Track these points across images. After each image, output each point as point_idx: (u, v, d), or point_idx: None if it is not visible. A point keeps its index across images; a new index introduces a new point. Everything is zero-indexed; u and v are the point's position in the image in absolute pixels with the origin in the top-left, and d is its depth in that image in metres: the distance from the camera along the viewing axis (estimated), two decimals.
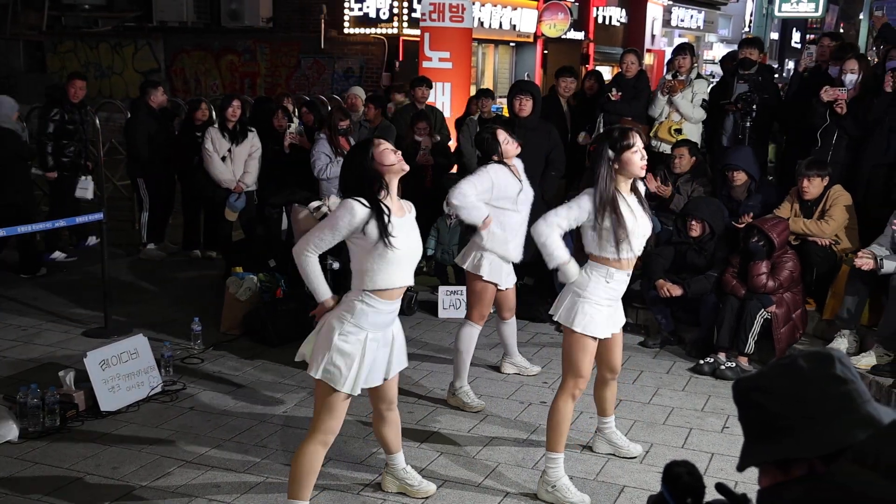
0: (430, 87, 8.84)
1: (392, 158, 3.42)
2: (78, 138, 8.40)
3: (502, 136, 4.93)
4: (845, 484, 1.41)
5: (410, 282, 3.54)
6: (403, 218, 3.49)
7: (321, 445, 3.51)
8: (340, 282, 6.98)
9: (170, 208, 8.91)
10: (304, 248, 3.45)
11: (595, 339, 3.94)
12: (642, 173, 3.90)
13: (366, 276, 3.42)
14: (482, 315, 5.10)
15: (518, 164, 5.07)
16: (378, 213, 3.36)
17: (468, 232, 5.30)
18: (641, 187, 4.09)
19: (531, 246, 5.19)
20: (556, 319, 4.02)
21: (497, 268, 5.00)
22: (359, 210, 3.34)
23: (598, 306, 3.90)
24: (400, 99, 9.46)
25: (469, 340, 5.08)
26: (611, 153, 3.81)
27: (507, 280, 5.12)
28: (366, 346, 3.43)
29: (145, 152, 8.37)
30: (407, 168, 3.51)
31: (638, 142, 3.83)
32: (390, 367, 3.64)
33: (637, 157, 3.82)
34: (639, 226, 3.89)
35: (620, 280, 3.93)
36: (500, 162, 4.94)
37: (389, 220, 3.37)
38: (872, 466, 1.39)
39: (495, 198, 4.90)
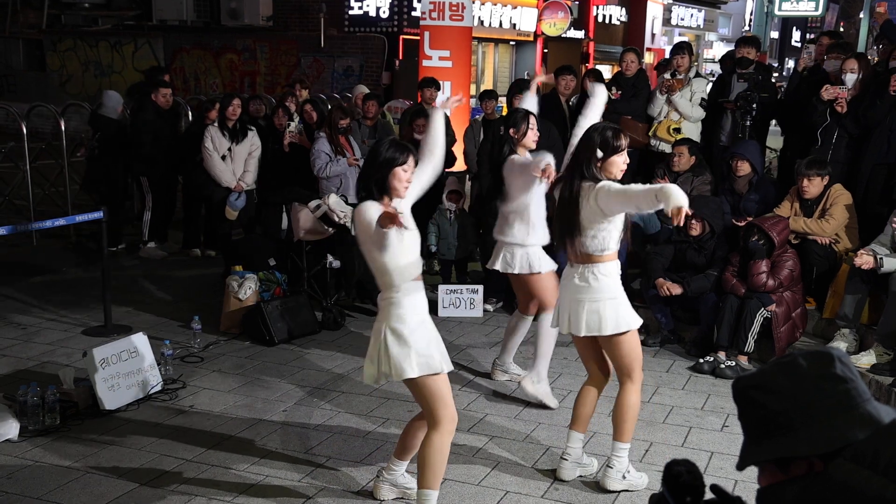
0: (439, 89, 8.77)
1: (397, 183, 3.50)
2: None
3: (532, 122, 5.04)
4: (844, 482, 1.41)
5: (421, 268, 3.65)
6: (399, 205, 3.59)
7: (448, 435, 3.59)
8: (341, 279, 7.00)
9: (172, 207, 8.92)
10: (394, 275, 3.49)
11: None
12: (620, 175, 3.92)
13: (387, 274, 3.49)
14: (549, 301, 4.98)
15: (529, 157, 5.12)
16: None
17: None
18: None
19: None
20: (604, 334, 3.92)
21: (544, 256, 5.06)
22: (373, 204, 3.44)
23: (623, 298, 3.98)
24: (304, 94, 9.39)
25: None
26: (600, 153, 3.81)
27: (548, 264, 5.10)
28: (425, 327, 3.55)
29: (149, 150, 8.37)
30: (404, 197, 3.60)
31: (625, 144, 3.89)
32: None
33: (621, 160, 3.87)
34: None
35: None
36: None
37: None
38: (871, 465, 1.39)
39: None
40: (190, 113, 9.99)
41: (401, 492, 3.96)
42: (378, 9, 14.99)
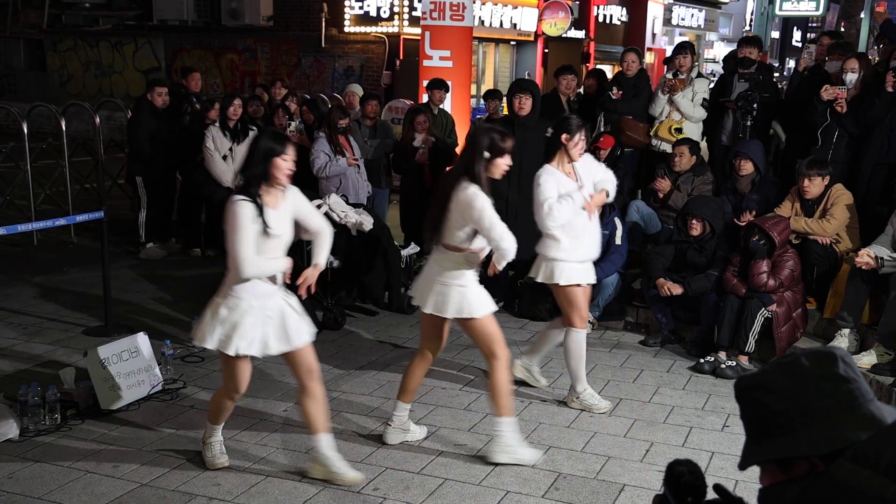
0: (448, 91, 8.73)
1: (276, 172, 3.77)
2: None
3: (585, 133, 4.96)
4: (845, 483, 1.40)
5: (279, 272, 3.89)
6: (277, 210, 3.82)
7: (228, 399, 4.12)
8: (342, 279, 6.99)
9: (170, 207, 8.91)
10: (244, 266, 3.73)
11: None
12: (500, 177, 4.19)
13: (236, 266, 3.75)
14: (582, 318, 4.99)
15: (579, 166, 4.97)
16: (256, 205, 3.75)
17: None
18: None
19: (531, 244, 5.16)
20: (455, 317, 4.22)
21: (572, 269, 4.91)
22: (247, 204, 3.72)
23: (474, 287, 4.27)
24: (283, 93, 9.43)
25: (579, 346, 4.98)
26: (487, 154, 4.06)
27: (588, 276, 5.01)
28: (246, 314, 3.81)
29: (146, 150, 8.36)
30: (286, 187, 3.84)
31: (510, 147, 4.15)
32: (290, 338, 3.89)
33: (504, 163, 4.13)
34: None
35: None
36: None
37: (264, 212, 3.76)
38: (872, 466, 1.39)
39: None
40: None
41: (325, 473, 4.06)
42: (378, 9, 14.98)
